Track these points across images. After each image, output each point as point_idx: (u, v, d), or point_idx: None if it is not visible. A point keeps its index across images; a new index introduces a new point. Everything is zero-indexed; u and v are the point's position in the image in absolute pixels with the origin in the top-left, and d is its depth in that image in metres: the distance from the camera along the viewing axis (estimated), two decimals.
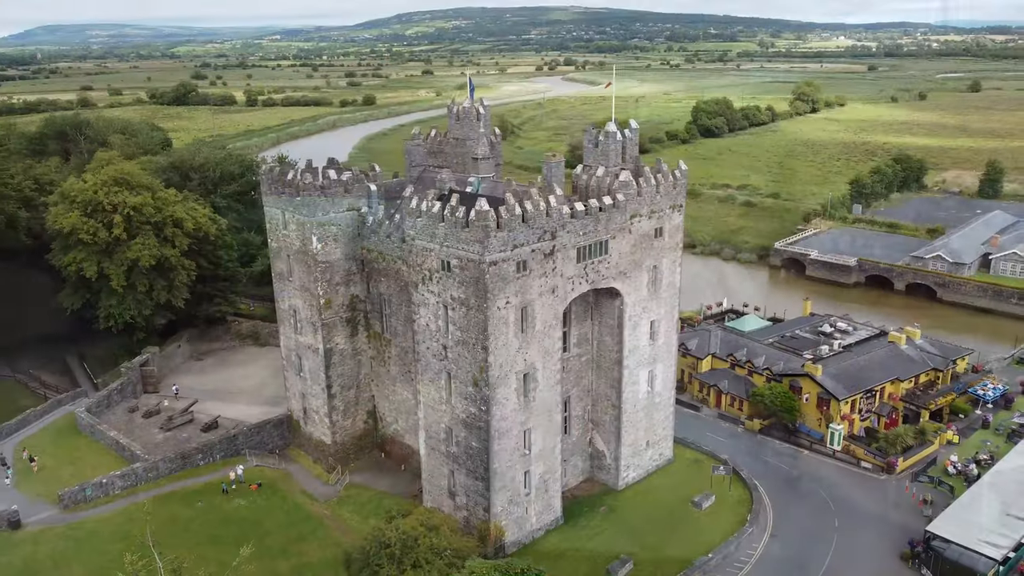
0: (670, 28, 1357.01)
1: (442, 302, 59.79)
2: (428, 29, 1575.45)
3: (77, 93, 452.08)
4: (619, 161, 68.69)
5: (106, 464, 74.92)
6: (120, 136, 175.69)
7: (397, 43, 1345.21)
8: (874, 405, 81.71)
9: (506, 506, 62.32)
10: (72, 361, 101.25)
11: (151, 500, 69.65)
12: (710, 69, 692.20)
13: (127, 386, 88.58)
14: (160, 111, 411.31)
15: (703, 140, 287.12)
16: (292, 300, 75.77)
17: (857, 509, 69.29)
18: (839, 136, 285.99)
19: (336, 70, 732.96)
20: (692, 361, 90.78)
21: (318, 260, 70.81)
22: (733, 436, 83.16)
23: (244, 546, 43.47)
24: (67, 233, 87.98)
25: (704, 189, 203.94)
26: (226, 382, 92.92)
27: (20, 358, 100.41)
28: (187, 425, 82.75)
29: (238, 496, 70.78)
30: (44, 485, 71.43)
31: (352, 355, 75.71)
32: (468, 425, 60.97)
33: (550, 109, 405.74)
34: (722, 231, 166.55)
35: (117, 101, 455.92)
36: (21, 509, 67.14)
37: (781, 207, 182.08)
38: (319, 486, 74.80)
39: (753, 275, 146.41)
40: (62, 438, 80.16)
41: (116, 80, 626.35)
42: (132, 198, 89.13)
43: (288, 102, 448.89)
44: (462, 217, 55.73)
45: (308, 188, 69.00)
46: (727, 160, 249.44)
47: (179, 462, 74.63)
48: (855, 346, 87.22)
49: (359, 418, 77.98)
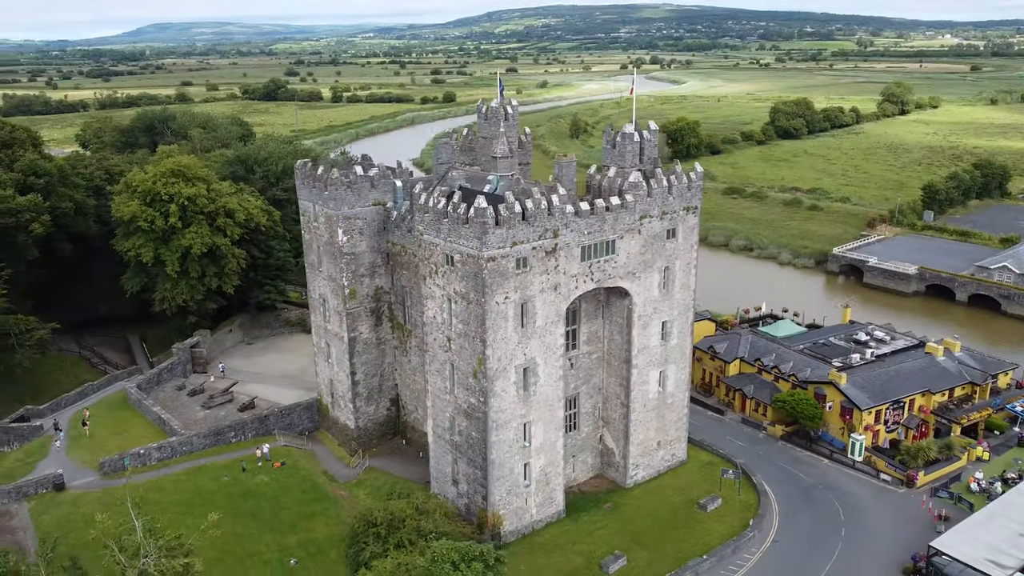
0: (764, 26, 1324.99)
1: (446, 295, 61.99)
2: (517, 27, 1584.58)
3: (176, 88, 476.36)
4: (636, 162, 69.11)
5: (148, 437, 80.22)
6: (200, 130, 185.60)
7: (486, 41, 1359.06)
8: (902, 417, 79.59)
9: (504, 496, 64.03)
10: (133, 340, 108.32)
11: (184, 472, 74.85)
12: (801, 69, 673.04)
13: (177, 366, 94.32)
14: (250, 106, 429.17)
15: (780, 142, 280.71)
16: (321, 289, 79.44)
17: (868, 521, 67.99)
18: (926, 139, 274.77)
19: (423, 67, 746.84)
20: (720, 364, 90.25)
21: (343, 252, 74.06)
22: (754, 441, 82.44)
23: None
24: (128, 220, 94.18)
25: (771, 192, 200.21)
26: (271, 366, 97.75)
27: (87, 336, 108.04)
28: (227, 404, 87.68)
29: (262, 473, 74.77)
30: (90, 453, 77.19)
31: (376, 344, 78.76)
32: (468, 415, 63.02)
33: (628, 108, 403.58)
34: (782, 235, 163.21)
35: (212, 96, 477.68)
36: (66, 473, 72.92)
37: (848, 212, 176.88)
38: (341, 468, 78.23)
39: (809, 281, 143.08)
40: (113, 411, 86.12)
41: (215, 76, 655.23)
42: (187, 189, 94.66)
43: (372, 98, 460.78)
44: (463, 214, 57.73)
45: (335, 183, 72.28)
46: (802, 162, 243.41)
47: (212, 438, 79.28)
48: (889, 356, 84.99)
49: (382, 405, 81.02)
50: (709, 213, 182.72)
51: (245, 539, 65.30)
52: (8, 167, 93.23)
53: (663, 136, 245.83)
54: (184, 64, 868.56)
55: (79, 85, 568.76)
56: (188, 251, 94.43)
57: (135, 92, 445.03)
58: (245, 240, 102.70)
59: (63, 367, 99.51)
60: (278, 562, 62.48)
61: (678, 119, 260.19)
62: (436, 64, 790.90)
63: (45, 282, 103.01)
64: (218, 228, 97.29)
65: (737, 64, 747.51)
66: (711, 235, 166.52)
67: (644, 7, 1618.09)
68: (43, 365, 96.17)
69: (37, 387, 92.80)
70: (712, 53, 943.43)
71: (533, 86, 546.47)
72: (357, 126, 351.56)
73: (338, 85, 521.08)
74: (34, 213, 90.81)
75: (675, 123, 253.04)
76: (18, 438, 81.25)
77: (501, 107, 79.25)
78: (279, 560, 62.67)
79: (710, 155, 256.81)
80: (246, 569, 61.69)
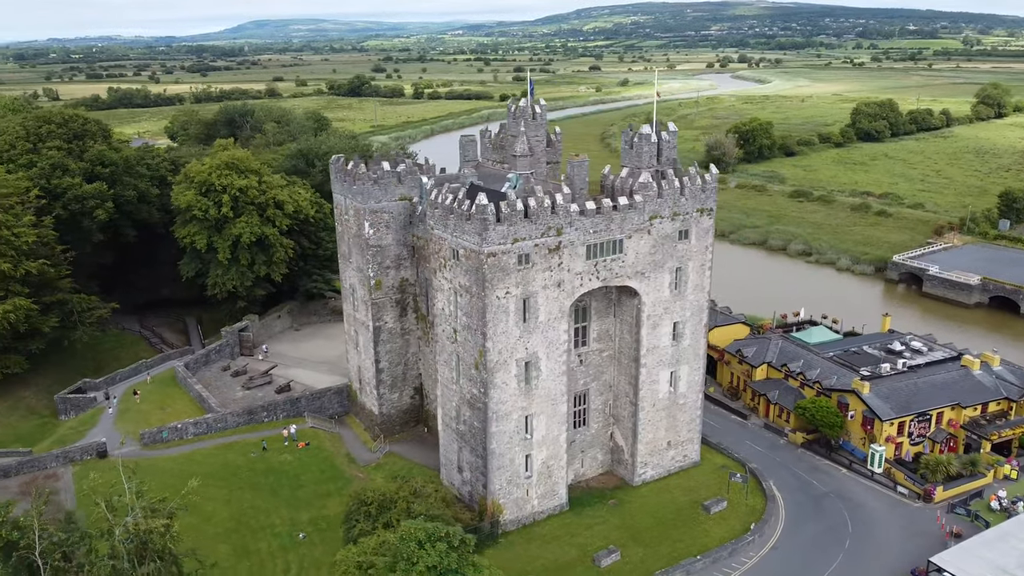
0: (863, 23, 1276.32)
1: (453, 288, 64.17)
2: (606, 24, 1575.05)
3: (267, 84, 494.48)
4: (653, 163, 69.57)
5: (189, 412, 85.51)
6: (274, 124, 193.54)
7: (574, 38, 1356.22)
8: (928, 430, 77.40)
9: (504, 486, 65.80)
10: (190, 323, 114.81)
11: (215, 447, 79.59)
12: (897, 69, 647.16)
13: (224, 348, 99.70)
14: (335, 101, 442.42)
15: (859, 144, 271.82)
16: (351, 280, 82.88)
17: (876, 533, 66.75)
18: (1020, 144, 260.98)
19: (508, 64, 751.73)
20: (747, 368, 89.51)
21: (370, 244, 77.15)
22: (773, 447, 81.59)
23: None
24: (184, 209, 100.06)
25: (839, 195, 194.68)
26: (313, 352, 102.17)
27: (149, 316, 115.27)
28: (265, 386, 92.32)
29: (287, 452, 78.73)
30: (134, 424, 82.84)
31: (401, 334, 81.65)
32: (471, 405, 65.06)
33: (707, 107, 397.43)
34: (844, 240, 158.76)
35: (300, 91, 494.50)
36: (109, 442, 78.63)
37: (919, 218, 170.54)
38: (363, 451, 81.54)
39: (865, 288, 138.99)
40: (161, 387, 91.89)
41: (306, 72, 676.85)
42: (239, 180, 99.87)
43: (451, 95, 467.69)
44: (466, 210, 59.74)
45: (362, 178, 75.41)
46: (879, 166, 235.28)
47: (245, 417, 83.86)
48: (923, 367, 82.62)
49: (406, 393, 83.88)
50: (772, 216, 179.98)
51: (261, 512, 69.19)
52: (79, 157, 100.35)
53: (734, 137, 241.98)
54: (278, 60, 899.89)
55: (179, 80, 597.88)
56: (238, 239, 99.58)
57: (228, 87, 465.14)
58: (295, 231, 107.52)
59: (123, 345, 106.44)
60: (288, 535, 65.98)
61: (751, 120, 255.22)
62: (520, 61, 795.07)
63: (112, 265, 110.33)
64: (267, 218, 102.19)
65: (829, 63, 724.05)
66: (770, 238, 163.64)
67: (737, 4, 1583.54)
68: (105, 342, 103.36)
69: (98, 362, 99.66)
70: (805, 52, 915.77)
71: (614, 84, 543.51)
72: (433, 122, 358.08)
73: (420, 82, 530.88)
74: (98, 200, 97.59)
75: (747, 124, 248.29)
76: (74, 408, 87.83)
77: (529, 106, 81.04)
78: (289, 534, 66.17)
79: (783, 157, 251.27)
80: (257, 540, 65.43)
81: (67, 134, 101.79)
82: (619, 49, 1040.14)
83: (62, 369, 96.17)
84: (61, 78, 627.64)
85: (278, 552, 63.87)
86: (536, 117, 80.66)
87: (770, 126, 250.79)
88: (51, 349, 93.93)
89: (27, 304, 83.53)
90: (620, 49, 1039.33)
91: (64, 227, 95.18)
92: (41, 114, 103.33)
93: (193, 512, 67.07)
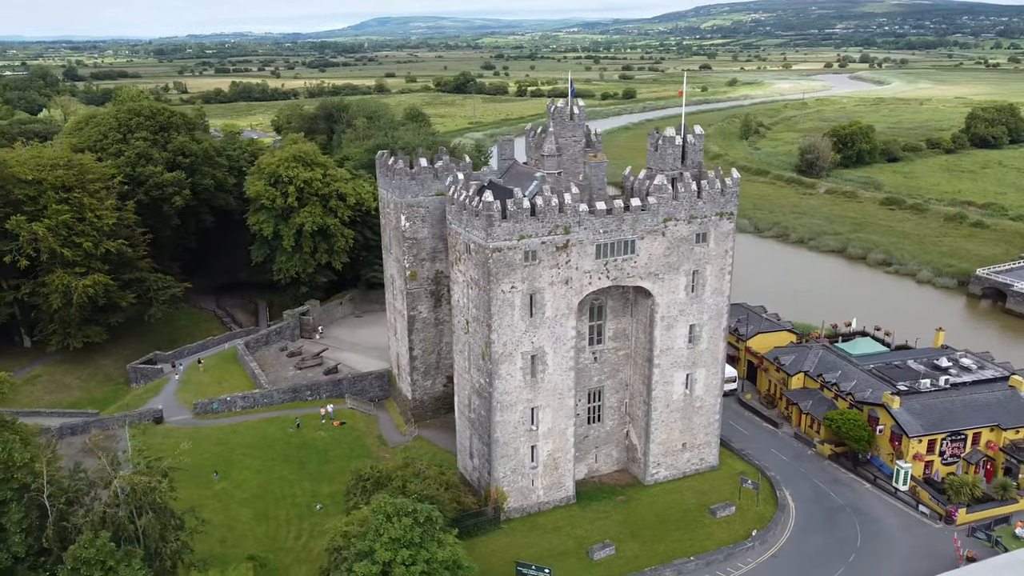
0: (1004, 22, 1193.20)
1: (466, 281, 66.90)
2: (725, 22, 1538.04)
3: (377, 80, 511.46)
4: (677, 165, 70.07)
5: (242, 387, 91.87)
6: (364, 120, 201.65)
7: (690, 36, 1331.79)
8: (963, 450, 74.32)
9: (508, 474, 68.02)
10: (261, 305, 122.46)
11: (258, 420, 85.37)
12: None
13: (285, 330, 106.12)
14: (439, 98, 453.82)
15: (972, 151, 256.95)
16: (391, 270, 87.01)
17: (884, 551, 65.05)
18: None
19: (618, 63, 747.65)
20: (783, 376, 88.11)
21: (406, 236, 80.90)
22: (800, 458, 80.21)
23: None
24: (254, 198, 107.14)
25: (935, 204, 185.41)
26: (368, 338, 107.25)
27: (225, 297, 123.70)
28: (316, 367, 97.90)
29: (321, 429, 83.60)
30: (191, 395, 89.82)
31: (435, 324, 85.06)
32: (480, 394, 67.65)
33: (815, 109, 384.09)
34: (930, 251, 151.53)
35: (408, 88, 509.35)
36: (165, 410, 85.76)
37: (1017, 231, 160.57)
38: (395, 434, 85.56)
39: (944, 302, 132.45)
40: (222, 363, 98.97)
41: (418, 68, 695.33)
42: (304, 173, 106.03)
43: (553, 93, 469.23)
44: (475, 206, 62.31)
45: (400, 173, 79.19)
46: (990, 175, 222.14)
47: (290, 394, 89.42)
48: (967, 385, 79.21)
49: (439, 381, 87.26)
50: (857, 224, 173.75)
51: (287, 483, 74.12)
52: (163, 147, 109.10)
53: (830, 140, 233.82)
54: (394, 56, 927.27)
55: (298, 75, 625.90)
56: (301, 228, 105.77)
57: (340, 82, 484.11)
58: (357, 222, 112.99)
59: (197, 322, 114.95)
60: (306, 505, 70.51)
61: (851, 123, 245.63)
62: (630, 60, 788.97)
63: (193, 249, 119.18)
64: (330, 209, 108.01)
65: (960, 64, 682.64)
66: (850, 246, 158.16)
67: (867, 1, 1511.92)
68: (179, 318, 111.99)
69: (172, 337, 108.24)
70: (935, 52, 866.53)
71: (723, 84, 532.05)
72: (530, 119, 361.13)
73: (525, 80, 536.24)
74: (177, 188, 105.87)
75: (846, 127, 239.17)
76: (144, 377, 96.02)
77: (568, 107, 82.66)
78: (307, 504, 70.70)
79: (885, 162, 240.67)
80: (278, 507, 70.24)
81: (154, 126, 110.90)
82: (735, 48, 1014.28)
83: (140, 341, 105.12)
84: (192, 72, 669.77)
85: (294, 520, 68.45)
86: (574, 118, 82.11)
87: (870, 130, 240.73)
88: (131, 323, 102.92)
89: (106, 280, 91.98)
90: (736, 48, 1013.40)
91: (146, 212, 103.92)
92: (133, 107, 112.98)
93: (224, 478, 73.54)
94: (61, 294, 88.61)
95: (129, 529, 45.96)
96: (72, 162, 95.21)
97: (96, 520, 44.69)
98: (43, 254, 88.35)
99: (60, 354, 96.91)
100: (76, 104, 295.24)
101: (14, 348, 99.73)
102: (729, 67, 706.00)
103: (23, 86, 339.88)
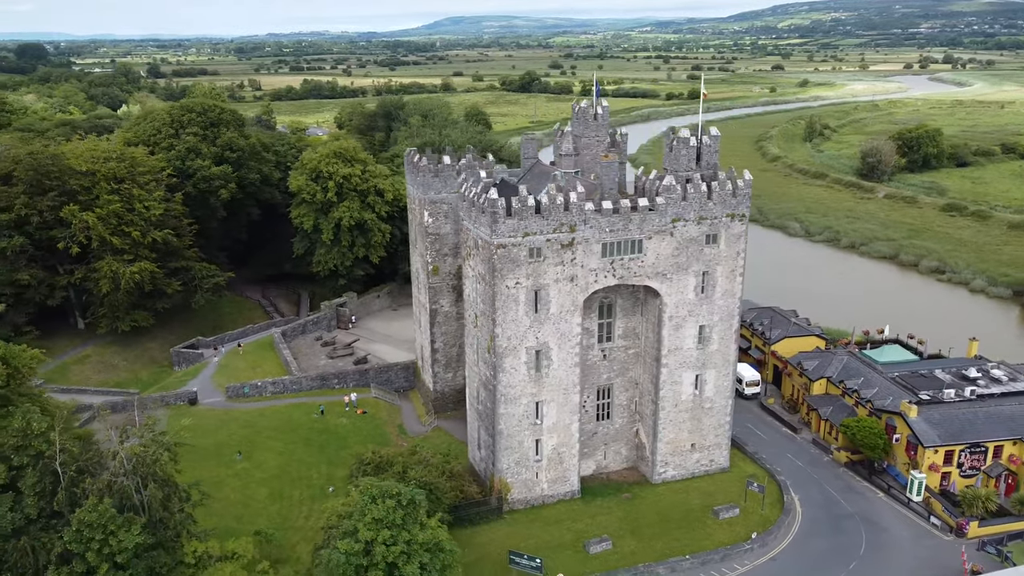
0: None
1: (475, 276, 68.63)
2: (803, 21, 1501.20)
3: (443, 78, 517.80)
4: (691, 166, 70.41)
5: (274, 374, 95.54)
6: (419, 118, 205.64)
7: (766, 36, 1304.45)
8: (983, 463, 72.35)
9: (512, 466, 69.46)
10: (303, 295, 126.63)
11: (286, 406, 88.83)
12: None
13: (321, 320, 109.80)
14: (503, 97, 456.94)
15: None
16: (416, 264, 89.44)
17: (888, 560, 64.07)
18: None
19: (687, 63, 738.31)
20: (806, 382, 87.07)
21: (428, 232, 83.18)
22: (815, 464, 79.29)
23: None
24: (297, 192, 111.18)
25: (1000, 211, 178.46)
26: (401, 331, 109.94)
27: (270, 287, 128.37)
28: (347, 357, 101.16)
29: (344, 416, 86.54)
30: (226, 379, 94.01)
31: (456, 317, 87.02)
32: (486, 386, 69.30)
33: (886, 111, 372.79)
34: (987, 259, 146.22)
35: (474, 87, 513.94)
36: (201, 392, 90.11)
37: None
38: (415, 424, 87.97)
39: (996, 312, 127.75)
40: (259, 349, 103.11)
41: (487, 67, 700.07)
42: (344, 169, 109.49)
43: (618, 93, 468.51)
44: (480, 203, 63.98)
45: (424, 170, 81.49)
46: None
47: (318, 382, 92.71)
48: (994, 397, 77.03)
49: (459, 374, 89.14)
50: (913, 230, 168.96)
51: (304, 465, 77.15)
52: (212, 142, 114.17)
53: (894, 144, 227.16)
54: (465, 56, 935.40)
55: (368, 73, 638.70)
56: (340, 222, 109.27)
57: (407, 81, 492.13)
58: (395, 217, 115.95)
59: (241, 310, 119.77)
60: (320, 487, 73.27)
61: (918, 126, 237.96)
62: (701, 60, 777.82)
63: (243, 240, 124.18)
64: (368, 204, 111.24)
65: None
66: (903, 253, 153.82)
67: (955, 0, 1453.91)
68: (225, 306, 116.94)
69: (216, 323, 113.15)
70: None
71: (793, 85, 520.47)
72: None
73: (587, 80, 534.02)
74: (223, 181, 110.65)
75: (912, 131, 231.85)
76: (185, 360, 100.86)
77: (592, 108, 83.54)
78: (322, 486, 73.45)
79: (953, 167, 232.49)
80: (293, 488, 73.20)
81: (204, 122, 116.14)
82: (811, 48, 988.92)
83: (186, 327, 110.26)
84: (268, 70, 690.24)
85: (307, 501, 71.29)
86: (598, 118, 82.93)
87: (938, 133, 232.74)
88: (178, 309, 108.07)
89: (152, 267, 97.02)
90: (812, 48, 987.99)
91: (193, 204, 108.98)
92: (186, 103, 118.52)
93: (247, 458, 76.97)
94: (110, 279, 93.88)
95: (134, 498, 49.18)
96: (124, 155, 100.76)
97: (103, 487, 48.02)
98: (94, 241, 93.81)
99: (110, 336, 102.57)
100: (153, 100, 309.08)
101: (69, 329, 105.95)
102: (803, 67, 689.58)
103: (107, 82, 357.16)
